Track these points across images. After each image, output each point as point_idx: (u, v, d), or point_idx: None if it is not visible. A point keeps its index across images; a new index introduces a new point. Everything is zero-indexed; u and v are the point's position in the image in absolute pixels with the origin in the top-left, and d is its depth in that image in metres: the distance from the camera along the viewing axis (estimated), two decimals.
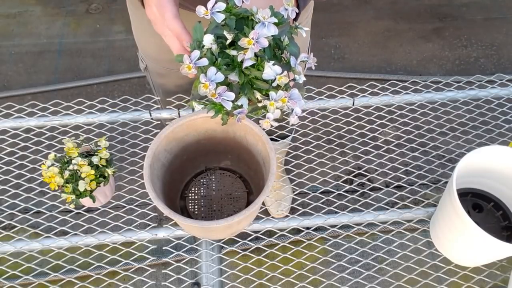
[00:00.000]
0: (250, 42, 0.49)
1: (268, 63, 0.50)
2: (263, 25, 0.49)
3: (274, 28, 0.50)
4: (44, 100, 0.95)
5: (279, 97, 0.51)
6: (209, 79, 0.50)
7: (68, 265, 0.80)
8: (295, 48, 0.54)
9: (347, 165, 0.97)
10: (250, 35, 0.49)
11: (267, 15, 0.50)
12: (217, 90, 0.50)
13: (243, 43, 0.49)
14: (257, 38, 0.49)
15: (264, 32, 0.49)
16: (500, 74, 1.00)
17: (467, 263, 0.75)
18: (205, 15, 0.50)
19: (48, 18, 2.21)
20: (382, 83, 0.97)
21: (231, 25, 0.51)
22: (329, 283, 0.76)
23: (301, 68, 0.53)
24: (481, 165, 0.72)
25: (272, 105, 0.52)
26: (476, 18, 2.20)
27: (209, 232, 0.73)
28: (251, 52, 0.49)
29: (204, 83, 0.50)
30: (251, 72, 0.51)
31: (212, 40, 0.51)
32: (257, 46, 0.49)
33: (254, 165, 0.77)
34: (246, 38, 0.49)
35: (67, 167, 0.76)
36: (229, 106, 0.51)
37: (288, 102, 0.52)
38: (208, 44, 0.51)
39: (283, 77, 0.50)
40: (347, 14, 2.21)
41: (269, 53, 0.52)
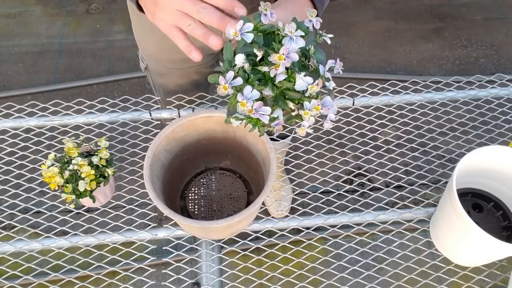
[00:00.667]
0: (281, 58, 0.50)
1: (299, 74, 0.52)
2: (291, 40, 0.51)
3: (302, 40, 0.52)
4: (44, 100, 0.95)
5: (312, 106, 0.53)
6: (246, 98, 0.52)
7: (68, 265, 0.80)
8: (321, 56, 0.55)
9: (347, 165, 0.97)
10: (281, 51, 0.50)
11: (293, 29, 0.51)
12: (253, 106, 0.52)
13: (274, 59, 0.51)
14: (288, 53, 0.50)
15: (293, 46, 0.51)
16: (500, 74, 1.00)
17: (467, 263, 0.75)
18: (235, 37, 0.52)
19: (48, 18, 2.21)
20: (382, 83, 0.97)
21: (260, 42, 0.53)
22: (329, 283, 0.76)
23: (329, 75, 0.55)
24: (481, 165, 0.72)
25: (306, 114, 0.54)
26: (476, 18, 2.20)
27: (209, 232, 0.73)
28: (282, 67, 0.51)
29: (241, 102, 0.52)
30: (283, 84, 0.53)
31: (244, 59, 0.53)
32: (288, 61, 0.51)
33: (254, 165, 0.77)
34: (276, 54, 0.51)
35: (67, 167, 0.76)
36: (266, 120, 0.53)
37: (322, 109, 0.54)
38: (240, 63, 0.53)
39: (315, 86, 0.52)
40: (347, 14, 2.21)
41: (298, 64, 0.53)
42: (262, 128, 0.57)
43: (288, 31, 0.51)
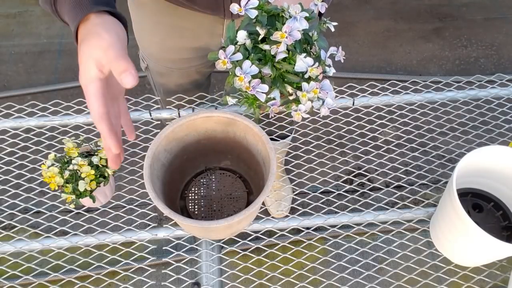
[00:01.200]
0: (283, 36, 0.50)
1: (300, 55, 0.52)
2: (295, 19, 0.51)
3: (305, 22, 0.51)
4: (44, 100, 0.95)
5: (311, 88, 0.53)
6: (244, 72, 0.52)
7: (68, 265, 0.80)
8: (324, 43, 0.55)
9: (347, 165, 0.97)
10: (283, 28, 0.50)
11: (298, 10, 0.52)
12: (251, 83, 0.52)
13: (276, 37, 0.51)
14: (290, 31, 0.50)
15: (296, 25, 0.51)
16: (500, 74, 1.00)
17: (467, 263, 0.75)
18: (239, 12, 0.52)
19: (48, 18, 2.21)
20: (382, 83, 0.97)
21: (263, 22, 0.53)
22: (329, 283, 0.76)
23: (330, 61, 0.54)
24: (481, 165, 0.72)
25: (304, 96, 0.53)
26: (476, 18, 2.20)
27: (209, 232, 0.73)
28: (284, 45, 0.51)
29: (239, 76, 0.52)
30: (283, 66, 0.52)
31: (246, 36, 0.53)
32: (290, 39, 0.50)
33: (254, 165, 0.77)
34: (279, 31, 0.50)
35: (67, 167, 0.76)
36: (263, 98, 0.53)
37: (320, 93, 0.54)
38: (242, 40, 0.53)
39: (315, 69, 0.52)
40: (347, 14, 2.21)
41: (299, 47, 0.53)
42: (257, 110, 0.56)
43: (293, 11, 0.52)
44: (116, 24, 0.56)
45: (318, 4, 0.55)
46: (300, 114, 0.56)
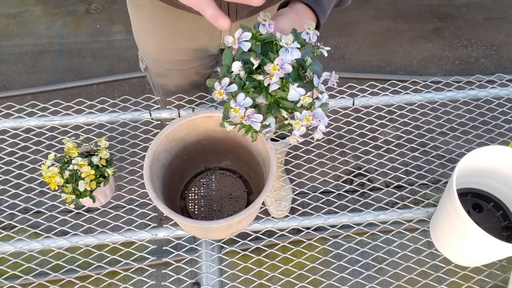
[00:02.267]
0: (275, 68, 0.51)
1: (293, 85, 0.53)
2: (287, 51, 0.52)
3: (297, 52, 0.53)
4: (44, 100, 0.95)
5: (303, 117, 0.54)
6: (238, 104, 0.53)
7: (68, 265, 0.80)
8: (318, 67, 0.56)
9: (347, 165, 0.97)
10: (275, 61, 0.52)
11: (290, 40, 0.53)
12: (246, 113, 0.53)
13: (269, 69, 0.52)
14: (282, 64, 0.51)
15: (287, 58, 0.52)
16: (500, 74, 1.00)
17: (467, 263, 0.75)
18: (233, 44, 0.53)
19: (48, 18, 2.21)
20: (382, 83, 0.97)
21: (257, 51, 0.54)
22: (329, 283, 0.76)
23: (323, 87, 0.56)
24: (481, 165, 0.72)
25: (297, 124, 0.55)
26: (476, 18, 2.20)
27: (209, 232, 0.73)
28: (276, 77, 0.52)
29: (234, 108, 0.53)
30: (277, 93, 0.54)
31: (240, 67, 0.54)
32: (281, 71, 0.52)
33: (254, 165, 0.77)
34: (271, 64, 0.52)
35: (67, 167, 0.76)
36: (257, 127, 0.54)
37: (312, 120, 0.55)
38: (236, 70, 0.54)
39: (307, 97, 0.53)
40: (347, 14, 2.21)
41: (293, 74, 0.54)
42: (255, 134, 0.58)
43: (285, 43, 0.53)
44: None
45: (310, 33, 0.56)
46: (296, 138, 0.57)
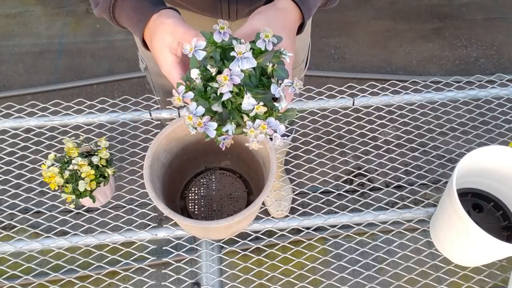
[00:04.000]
0: (225, 78, 0.52)
1: (246, 95, 0.53)
2: (238, 61, 0.52)
3: (251, 61, 0.52)
4: (44, 100, 0.95)
5: (257, 126, 0.54)
6: (191, 113, 0.53)
7: (68, 265, 0.80)
8: (283, 73, 0.56)
9: (347, 165, 0.97)
10: (224, 72, 0.52)
11: (243, 49, 0.52)
12: (202, 120, 0.54)
13: (220, 80, 0.52)
14: (231, 75, 0.52)
15: (236, 69, 0.52)
16: (500, 74, 1.00)
17: (467, 263, 0.75)
18: (189, 52, 0.54)
19: (48, 18, 2.21)
20: (382, 83, 0.97)
21: (216, 58, 0.54)
22: (329, 283, 0.76)
23: (281, 94, 0.55)
24: (481, 165, 0.72)
25: (252, 132, 0.55)
26: (476, 18, 2.20)
27: (209, 232, 0.73)
28: (226, 87, 0.52)
29: (188, 116, 0.53)
30: (237, 99, 0.54)
31: (197, 74, 0.54)
32: (230, 83, 0.52)
33: (254, 165, 0.77)
34: (222, 74, 0.52)
35: (67, 167, 0.76)
36: (212, 135, 0.54)
37: (267, 129, 0.55)
38: (194, 78, 0.54)
39: (261, 107, 0.53)
40: (347, 14, 2.21)
41: (254, 80, 0.55)
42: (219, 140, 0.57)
43: (237, 52, 0.52)
44: (172, 12, 0.62)
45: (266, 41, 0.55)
46: (256, 144, 0.57)
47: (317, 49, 2.06)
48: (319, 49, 2.07)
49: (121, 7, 0.62)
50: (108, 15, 0.64)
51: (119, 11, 0.63)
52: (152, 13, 0.61)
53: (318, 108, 0.93)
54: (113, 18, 0.65)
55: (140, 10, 0.61)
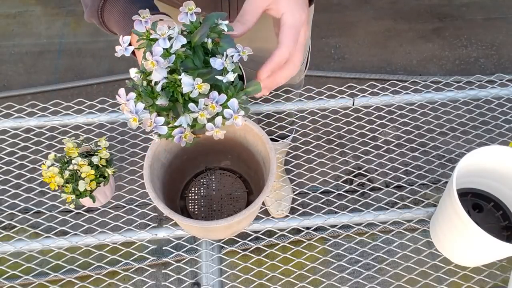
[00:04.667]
0: (152, 64, 0.47)
1: (181, 75, 0.47)
2: (159, 42, 0.47)
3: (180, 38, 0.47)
4: (44, 100, 0.95)
5: (202, 106, 0.48)
6: (133, 112, 0.49)
7: (68, 265, 0.80)
8: (229, 45, 0.50)
9: (347, 165, 0.97)
10: (147, 57, 0.47)
11: (165, 30, 0.48)
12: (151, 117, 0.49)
13: (148, 67, 0.47)
14: (155, 58, 0.47)
15: (157, 50, 0.47)
16: (500, 74, 1.00)
17: (467, 263, 0.75)
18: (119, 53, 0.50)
19: (48, 18, 2.21)
20: (382, 83, 0.97)
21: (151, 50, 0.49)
22: (329, 283, 0.76)
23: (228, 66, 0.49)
24: (481, 165, 0.72)
25: (202, 116, 0.48)
26: (476, 18, 2.20)
27: (209, 232, 0.73)
28: (157, 74, 0.47)
29: (132, 118, 0.48)
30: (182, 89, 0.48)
31: (135, 72, 0.50)
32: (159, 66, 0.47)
33: (254, 165, 0.77)
34: (148, 61, 0.47)
35: (67, 167, 0.76)
36: (163, 131, 0.49)
37: (217, 107, 0.48)
38: (133, 77, 0.50)
39: (203, 85, 0.47)
40: (347, 14, 2.21)
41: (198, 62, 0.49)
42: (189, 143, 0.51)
43: (160, 34, 0.47)
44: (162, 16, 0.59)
45: (188, 14, 0.49)
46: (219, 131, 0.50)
47: (317, 49, 2.06)
48: (319, 49, 2.07)
49: (109, 11, 0.59)
50: (96, 20, 0.61)
51: (108, 15, 0.60)
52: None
53: (318, 108, 0.93)
54: (102, 23, 0.61)
55: (128, 16, 0.58)
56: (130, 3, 0.59)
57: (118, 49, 0.50)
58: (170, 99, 0.49)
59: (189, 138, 0.51)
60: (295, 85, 1.06)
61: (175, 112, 0.50)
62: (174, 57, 0.47)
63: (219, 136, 0.51)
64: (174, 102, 0.50)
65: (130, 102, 0.48)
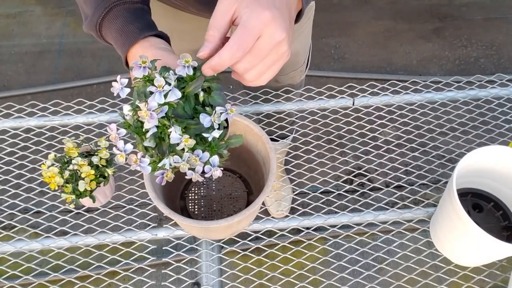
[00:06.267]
0: (146, 114, 0.49)
1: (172, 127, 0.50)
2: (155, 95, 0.49)
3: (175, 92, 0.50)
4: (44, 100, 0.95)
5: (185, 158, 0.52)
6: (121, 150, 0.52)
7: (68, 265, 0.80)
8: (219, 99, 0.53)
9: (347, 165, 0.96)
10: (142, 107, 0.49)
11: (162, 82, 0.50)
12: (138, 156, 0.52)
13: (142, 115, 0.49)
14: (150, 110, 0.49)
15: (153, 104, 0.49)
16: (500, 74, 1.00)
17: (467, 263, 0.75)
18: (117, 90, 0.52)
19: (48, 18, 2.21)
20: (382, 83, 0.97)
21: (146, 93, 0.51)
22: (329, 283, 0.76)
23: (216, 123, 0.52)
24: (481, 165, 0.72)
25: (184, 166, 0.52)
26: (476, 18, 2.20)
27: (209, 232, 0.73)
28: (148, 123, 0.49)
29: (120, 154, 0.52)
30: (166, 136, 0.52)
31: (128, 111, 0.52)
32: (151, 118, 0.49)
33: (254, 165, 0.77)
34: (142, 111, 0.49)
35: (67, 167, 0.76)
36: (148, 171, 0.52)
37: (199, 162, 0.52)
38: (125, 114, 0.53)
39: (189, 140, 0.51)
40: (347, 14, 2.21)
41: (189, 110, 0.52)
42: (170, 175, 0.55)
43: (157, 85, 0.50)
44: (161, 43, 0.59)
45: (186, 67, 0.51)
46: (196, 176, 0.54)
47: (317, 49, 2.06)
48: (319, 49, 2.07)
49: (108, 27, 0.59)
50: (95, 33, 0.62)
51: (106, 30, 0.60)
52: (137, 38, 0.57)
53: (318, 108, 0.93)
54: (100, 36, 0.62)
55: (126, 34, 0.58)
56: (128, 22, 0.58)
57: (116, 88, 0.53)
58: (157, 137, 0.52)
59: (170, 177, 0.54)
60: (295, 85, 1.06)
61: (159, 150, 0.52)
62: (167, 108, 0.50)
63: (197, 179, 0.55)
64: (160, 141, 0.52)
65: (120, 142, 0.52)
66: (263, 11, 0.48)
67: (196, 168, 0.53)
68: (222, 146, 0.54)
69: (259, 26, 0.48)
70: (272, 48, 0.49)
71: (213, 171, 0.53)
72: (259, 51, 0.49)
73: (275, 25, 0.48)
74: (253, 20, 0.48)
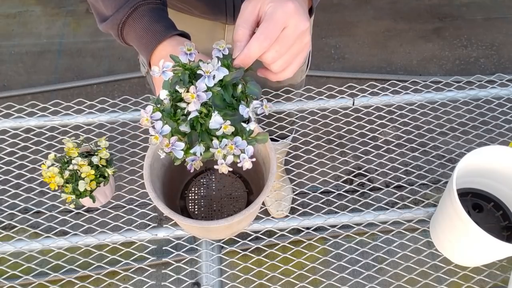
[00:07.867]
0: (192, 96, 0.51)
1: (214, 113, 0.52)
2: (204, 79, 0.51)
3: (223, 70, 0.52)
4: (44, 100, 0.95)
5: (223, 145, 0.53)
6: (157, 132, 0.52)
7: (68, 265, 0.80)
8: (255, 88, 0.55)
9: (347, 165, 0.97)
10: (190, 90, 0.51)
11: (210, 68, 0.52)
12: (170, 140, 0.53)
13: (187, 98, 0.51)
14: (197, 92, 0.51)
15: (202, 85, 0.51)
16: (500, 74, 1.00)
17: (467, 263, 0.75)
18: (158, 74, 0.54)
19: (48, 18, 2.21)
20: (382, 83, 0.97)
21: (184, 80, 0.53)
22: (329, 283, 0.76)
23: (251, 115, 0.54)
24: (481, 165, 0.72)
25: (219, 152, 0.53)
26: (476, 18, 2.20)
27: (209, 232, 0.73)
28: (193, 105, 0.51)
29: (154, 135, 0.52)
30: (206, 121, 0.53)
31: (166, 95, 0.53)
32: (197, 100, 0.51)
33: (254, 165, 0.77)
34: (188, 93, 0.51)
35: (67, 167, 0.76)
36: (180, 155, 0.53)
37: (235, 149, 0.53)
38: (163, 99, 0.54)
39: (228, 126, 0.52)
40: (347, 14, 2.21)
41: (224, 101, 0.53)
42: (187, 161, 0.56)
43: (204, 71, 0.52)
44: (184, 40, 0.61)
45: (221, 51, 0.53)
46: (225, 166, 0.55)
47: (317, 49, 2.06)
48: (319, 49, 2.07)
49: (132, 26, 0.61)
50: (115, 32, 0.63)
51: (129, 29, 0.62)
52: (165, 37, 0.59)
53: (318, 108, 0.93)
54: (120, 35, 0.63)
55: (152, 33, 0.60)
56: (153, 21, 0.60)
57: (155, 71, 0.54)
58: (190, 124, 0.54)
59: (197, 165, 0.56)
60: (296, 85, 1.06)
61: (189, 139, 0.54)
62: (211, 94, 0.52)
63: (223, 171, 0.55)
64: (191, 129, 0.54)
65: (158, 123, 0.52)
66: (286, 3, 0.51)
67: (227, 157, 0.54)
68: (252, 141, 0.55)
69: (284, 17, 0.51)
70: (297, 38, 0.53)
71: (244, 161, 0.54)
72: (285, 40, 0.52)
73: (299, 15, 0.51)
74: (278, 12, 0.51)
